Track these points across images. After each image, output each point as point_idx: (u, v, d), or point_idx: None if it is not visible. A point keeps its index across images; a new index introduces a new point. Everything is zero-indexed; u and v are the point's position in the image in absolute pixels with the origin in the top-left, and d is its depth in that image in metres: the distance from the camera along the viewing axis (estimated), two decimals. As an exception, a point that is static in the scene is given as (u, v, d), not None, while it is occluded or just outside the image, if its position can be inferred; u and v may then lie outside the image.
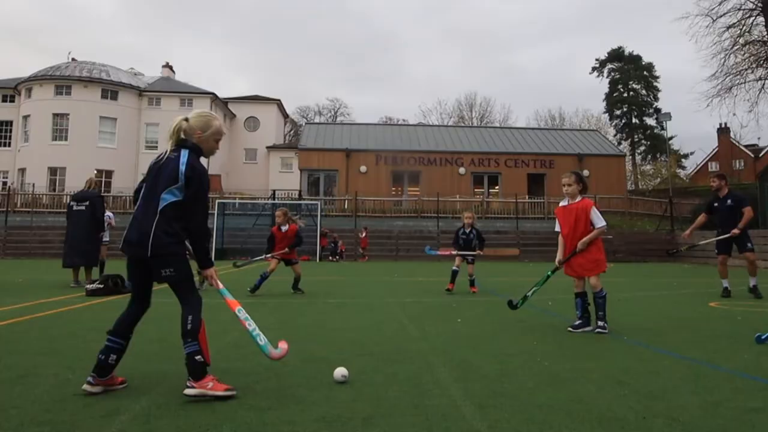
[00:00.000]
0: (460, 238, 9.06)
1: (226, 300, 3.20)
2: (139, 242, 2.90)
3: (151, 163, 3.08)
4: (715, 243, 8.46)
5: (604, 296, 5.05)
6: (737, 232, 8.00)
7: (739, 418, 2.60)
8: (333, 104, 67.64)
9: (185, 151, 3.01)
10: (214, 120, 3.18)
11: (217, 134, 3.16)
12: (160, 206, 2.91)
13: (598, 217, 5.04)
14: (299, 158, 33.76)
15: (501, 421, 2.52)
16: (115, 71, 38.73)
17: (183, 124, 3.09)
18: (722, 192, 8.37)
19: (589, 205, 5.10)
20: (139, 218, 2.97)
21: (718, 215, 8.47)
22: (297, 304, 6.94)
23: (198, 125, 3.09)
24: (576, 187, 5.17)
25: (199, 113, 3.19)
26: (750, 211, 8.14)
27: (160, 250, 2.88)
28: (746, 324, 5.57)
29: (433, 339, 4.65)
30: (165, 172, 2.96)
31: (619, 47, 58.26)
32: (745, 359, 3.91)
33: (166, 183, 2.92)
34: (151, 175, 3.03)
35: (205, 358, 2.86)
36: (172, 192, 2.92)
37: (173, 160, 2.98)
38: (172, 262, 2.92)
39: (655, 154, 54.89)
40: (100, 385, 2.89)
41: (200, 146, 3.09)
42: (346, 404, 2.76)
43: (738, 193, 8.77)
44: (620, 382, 3.22)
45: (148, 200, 2.98)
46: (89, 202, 9.24)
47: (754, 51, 28.02)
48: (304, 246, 23.40)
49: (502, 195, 31.48)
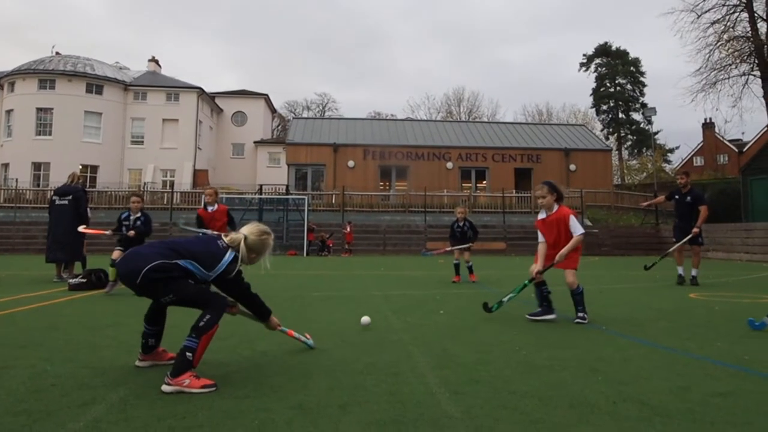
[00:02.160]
0: (456, 231, 9.72)
1: (287, 333, 3.74)
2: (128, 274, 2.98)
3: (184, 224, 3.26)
4: (673, 234, 9.50)
5: (581, 292, 5.09)
6: (697, 231, 8.90)
7: (706, 401, 2.66)
8: (321, 99, 67.62)
9: (232, 254, 3.14)
10: (270, 240, 3.30)
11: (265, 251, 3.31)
12: (179, 261, 2.99)
13: (576, 226, 5.03)
14: (287, 153, 33.65)
15: (474, 407, 2.56)
16: (99, 65, 38.29)
17: (243, 246, 3.17)
18: (686, 188, 9.28)
19: (567, 215, 5.07)
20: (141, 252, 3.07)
21: (678, 208, 9.45)
22: (281, 299, 6.95)
23: (256, 247, 3.22)
24: (550, 198, 5.13)
25: (260, 231, 3.25)
26: (706, 210, 8.98)
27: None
28: (723, 314, 5.67)
29: (414, 330, 4.68)
30: (204, 247, 3.13)
31: (605, 42, 58.58)
32: (718, 347, 3.99)
33: (196, 256, 3.03)
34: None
35: (194, 359, 2.86)
36: (198, 268, 3.04)
37: (222, 249, 3.14)
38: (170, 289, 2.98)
39: (641, 149, 55.32)
40: (147, 360, 3.29)
41: (243, 258, 3.19)
42: (323, 392, 2.79)
43: (698, 191, 9.55)
44: (594, 370, 3.28)
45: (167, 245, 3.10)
46: (72, 196, 9.17)
47: (737, 47, 28.26)
48: (291, 241, 23.60)
49: (490, 189, 31.61)
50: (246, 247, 3.16)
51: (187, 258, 3.00)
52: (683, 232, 9.09)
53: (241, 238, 3.16)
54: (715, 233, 20.29)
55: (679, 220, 9.37)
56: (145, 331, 3.28)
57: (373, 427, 2.29)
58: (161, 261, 2.93)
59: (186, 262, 3.00)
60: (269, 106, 50.54)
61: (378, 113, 62.79)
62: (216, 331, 2.95)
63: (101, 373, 3.15)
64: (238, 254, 3.15)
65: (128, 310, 5.68)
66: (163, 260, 2.94)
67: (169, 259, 2.96)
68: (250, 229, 3.23)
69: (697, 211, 8.99)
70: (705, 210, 8.94)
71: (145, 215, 7.66)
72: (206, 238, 3.30)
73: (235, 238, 3.19)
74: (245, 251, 3.16)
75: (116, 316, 5.33)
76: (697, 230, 8.90)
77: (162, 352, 3.35)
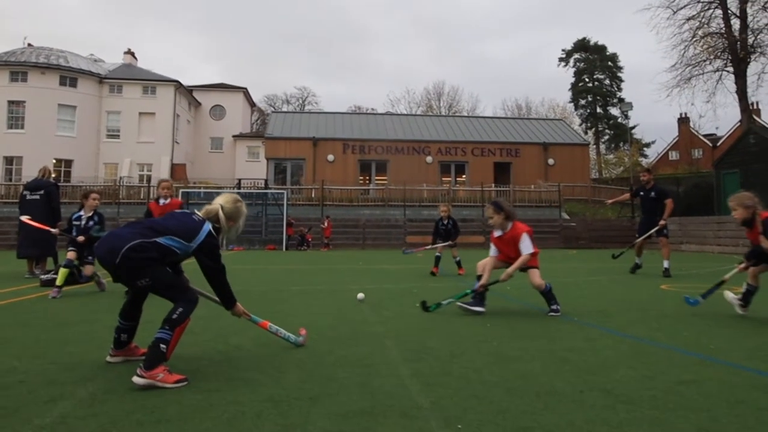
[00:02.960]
0: (440, 229, 10.02)
1: (259, 324, 3.64)
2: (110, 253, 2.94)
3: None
4: (638, 229, 9.86)
5: (549, 290, 5.15)
6: (663, 223, 9.31)
7: (670, 389, 2.73)
8: (301, 93, 67.12)
9: (208, 225, 3.17)
10: (243, 206, 3.43)
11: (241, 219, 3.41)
12: (158, 239, 2.99)
13: (527, 245, 5.05)
14: (266, 147, 33.41)
15: (444, 397, 2.60)
16: (74, 57, 37.54)
17: (221, 215, 3.26)
18: (649, 184, 9.70)
19: (520, 234, 5.09)
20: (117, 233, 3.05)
21: (643, 204, 9.86)
22: (258, 292, 6.93)
23: (232, 214, 3.32)
24: (498, 218, 5.15)
25: (234, 199, 3.36)
26: (671, 203, 9.35)
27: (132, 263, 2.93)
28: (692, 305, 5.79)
29: (389, 323, 4.71)
30: (180, 221, 3.13)
31: (584, 38, 59.21)
32: (685, 336, 4.09)
33: (174, 231, 3.04)
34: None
35: (168, 351, 2.84)
36: (178, 241, 3.04)
37: (198, 221, 3.17)
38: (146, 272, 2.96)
39: (618, 143, 56.08)
40: (119, 356, 3.26)
41: (223, 226, 3.27)
42: (294, 385, 2.80)
43: (661, 186, 9.92)
44: (564, 360, 3.34)
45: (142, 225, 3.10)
46: (44, 191, 9.01)
47: (712, 43, 28.78)
48: (270, 235, 23.47)
49: (469, 183, 31.77)
50: (224, 215, 3.24)
51: (165, 234, 3.01)
52: (647, 226, 9.52)
53: (218, 208, 3.25)
54: (689, 226, 20.67)
55: (645, 216, 9.81)
56: (119, 325, 3.26)
57: (342, 419, 2.30)
58: (140, 240, 2.93)
59: (165, 238, 3.00)
60: (248, 100, 50.10)
61: (358, 107, 62.66)
62: (188, 324, 2.94)
63: (70, 369, 3.12)
64: (216, 225, 3.22)
65: (100, 307, 5.62)
66: (142, 239, 2.94)
67: (147, 238, 2.96)
68: (224, 199, 3.33)
69: (662, 205, 9.39)
70: (670, 203, 9.35)
71: (99, 215, 7.23)
72: (180, 213, 3.27)
73: (210, 209, 3.26)
74: (224, 219, 3.24)
75: (88, 313, 5.26)
76: (664, 222, 9.32)
77: (134, 347, 3.33)
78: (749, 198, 4.74)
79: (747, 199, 4.74)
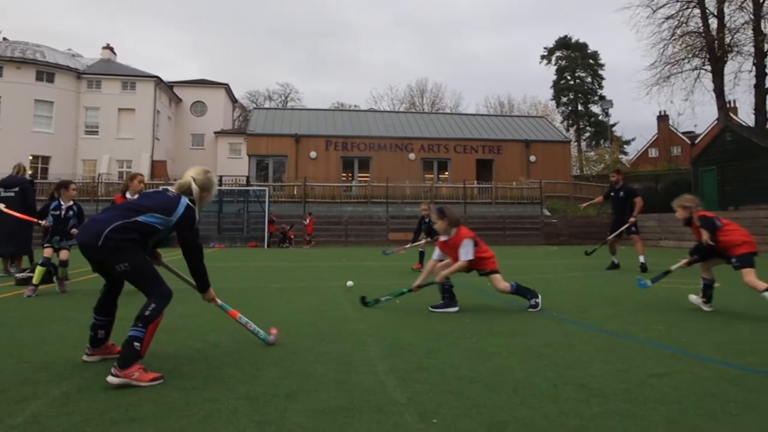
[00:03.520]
0: (422, 227, 10.22)
1: (228, 312, 3.62)
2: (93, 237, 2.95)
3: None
4: (609, 228, 10.26)
5: (516, 288, 5.17)
6: (633, 219, 9.66)
7: (642, 382, 2.78)
8: (284, 89, 66.76)
9: (185, 199, 3.20)
10: (213, 176, 3.48)
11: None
12: (138, 218, 3.02)
13: (465, 252, 5.09)
14: (247, 144, 33.17)
15: (420, 393, 2.62)
16: (50, 52, 36.84)
17: (194, 187, 3.29)
18: (618, 185, 10.09)
19: (461, 240, 5.13)
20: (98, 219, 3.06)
21: (614, 204, 10.27)
22: (238, 289, 6.90)
23: (205, 185, 3.35)
24: (442, 224, 5.20)
25: (203, 170, 3.42)
26: (640, 201, 9.74)
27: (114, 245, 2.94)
28: (666, 299, 5.91)
29: (370, 320, 4.72)
30: (156, 200, 3.15)
31: (566, 36, 59.73)
32: (659, 330, 4.16)
33: (152, 208, 3.07)
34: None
35: (142, 349, 2.82)
36: (158, 217, 3.07)
37: (173, 197, 3.20)
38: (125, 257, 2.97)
39: (599, 141, 56.68)
40: (96, 355, 3.22)
41: (196, 197, 3.30)
42: (271, 381, 2.80)
43: (630, 186, 10.35)
44: (540, 355, 3.38)
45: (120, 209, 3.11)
46: (19, 188, 8.85)
47: (690, 41, 29.16)
48: (252, 232, 23.32)
49: (451, 180, 31.86)
50: (197, 186, 3.28)
51: (144, 213, 3.03)
52: (618, 225, 9.89)
53: (190, 180, 3.29)
54: (667, 222, 20.98)
55: (616, 215, 10.22)
56: (96, 322, 3.22)
57: (318, 415, 2.31)
58: (122, 221, 2.96)
59: (145, 216, 3.02)
60: (230, 96, 49.66)
61: (341, 104, 62.51)
62: (161, 320, 2.93)
63: (45, 368, 3.08)
64: (191, 197, 3.24)
65: (76, 305, 5.55)
66: (124, 220, 2.97)
67: (128, 218, 2.99)
68: (194, 171, 3.38)
69: (632, 204, 9.75)
70: (639, 201, 9.71)
71: (78, 206, 7.15)
72: (153, 192, 3.31)
73: (183, 182, 3.30)
74: (197, 190, 3.28)
75: (64, 311, 5.20)
76: (634, 219, 9.66)
77: (111, 345, 3.29)
78: (689, 200, 5.19)
79: (686, 201, 5.19)
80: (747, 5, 27.16)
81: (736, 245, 4.87)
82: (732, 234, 4.93)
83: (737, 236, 4.91)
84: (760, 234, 17.04)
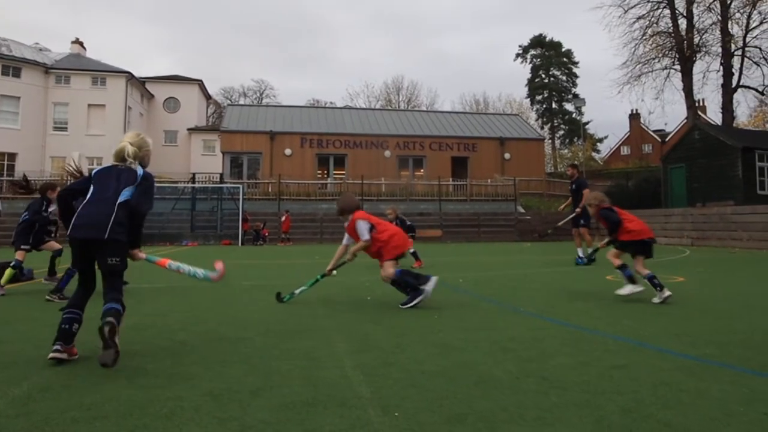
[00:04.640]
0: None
1: (156, 263, 3.63)
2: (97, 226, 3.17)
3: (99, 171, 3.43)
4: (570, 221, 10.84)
5: (398, 278, 5.24)
6: (579, 211, 10.27)
7: (602, 374, 2.86)
8: (259, 86, 66.10)
9: (137, 165, 3.47)
10: (146, 136, 3.72)
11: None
12: (119, 200, 3.26)
13: (360, 232, 5.38)
14: (221, 141, 32.85)
15: (384, 387, 2.65)
16: (17, 46, 35.93)
17: (131, 149, 3.47)
18: (573, 178, 10.84)
19: (354, 222, 5.47)
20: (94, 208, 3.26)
21: (571, 196, 10.94)
22: (206, 286, 6.85)
23: (141, 144, 3.57)
24: (339, 213, 5.69)
25: (135, 134, 3.67)
26: (587, 193, 9.86)
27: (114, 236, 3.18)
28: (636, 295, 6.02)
29: (338, 316, 4.74)
30: (116, 178, 3.36)
31: (540, 34, 60.35)
32: (624, 324, 4.26)
33: (124, 184, 3.32)
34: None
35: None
36: (131, 188, 3.33)
37: (127, 169, 3.43)
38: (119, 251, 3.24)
39: (573, 138, 57.49)
40: (67, 353, 3.14)
41: (138, 157, 3.52)
42: (236, 379, 2.80)
43: (581, 179, 10.98)
44: (505, 349, 3.44)
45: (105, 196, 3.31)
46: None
47: (660, 41, 29.78)
48: (226, 230, 23.13)
49: (427, 178, 31.99)
50: (135, 147, 3.47)
51: (120, 192, 3.27)
52: (576, 219, 10.53)
53: (125, 144, 3.46)
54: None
55: (573, 207, 10.86)
56: (72, 317, 3.18)
57: (281, 409, 2.32)
58: (114, 212, 3.19)
59: (122, 195, 3.27)
60: (204, 93, 49.02)
61: (317, 101, 62.28)
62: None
63: (6, 367, 3.03)
64: (140, 163, 3.48)
65: (41, 305, 5.45)
66: (116, 211, 3.20)
67: (114, 203, 3.22)
68: (128, 137, 3.57)
69: (580, 195, 10.26)
70: (586, 193, 9.96)
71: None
72: (106, 174, 3.40)
73: (119, 148, 3.46)
74: (135, 150, 3.46)
75: (28, 311, 5.11)
76: (580, 210, 10.22)
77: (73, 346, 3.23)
78: (592, 198, 5.99)
79: (591, 199, 6.01)
80: (715, 6, 27.85)
81: (625, 233, 5.59)
82: (630, 224, 5.63)
83: (633, 225, 5.62)
84: (726, 230, 17.50)
